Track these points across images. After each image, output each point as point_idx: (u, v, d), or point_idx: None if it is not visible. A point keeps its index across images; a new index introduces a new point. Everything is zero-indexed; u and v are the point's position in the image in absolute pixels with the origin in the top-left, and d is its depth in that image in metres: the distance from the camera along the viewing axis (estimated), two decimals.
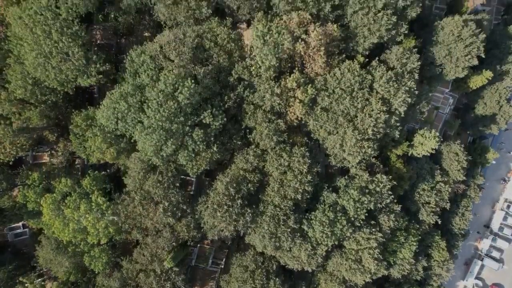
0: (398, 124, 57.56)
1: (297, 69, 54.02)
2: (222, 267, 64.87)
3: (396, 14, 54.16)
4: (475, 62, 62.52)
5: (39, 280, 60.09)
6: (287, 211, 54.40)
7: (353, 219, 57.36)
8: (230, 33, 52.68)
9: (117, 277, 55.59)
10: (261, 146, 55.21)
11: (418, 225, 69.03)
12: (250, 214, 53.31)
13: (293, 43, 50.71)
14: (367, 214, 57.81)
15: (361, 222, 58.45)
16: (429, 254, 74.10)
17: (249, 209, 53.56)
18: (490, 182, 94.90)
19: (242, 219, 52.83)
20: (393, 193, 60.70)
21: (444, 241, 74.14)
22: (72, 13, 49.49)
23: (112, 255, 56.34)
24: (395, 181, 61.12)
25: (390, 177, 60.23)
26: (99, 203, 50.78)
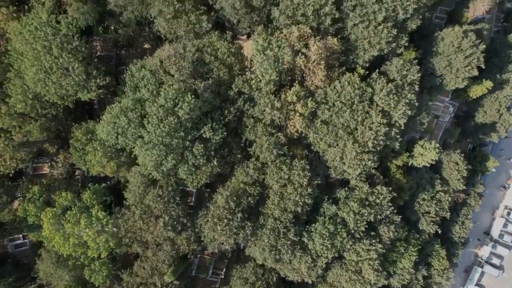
0: (398, 136, 57.40)
1: (297, 82, 53.83)
2: (222, 277, 65.06)
3: (396, 26, 53.97)
4: (475, 73, 62.38)
5: None
6: (287, 224, 54.40)
7: (353, 231, 57.50)
8: (230, 47, 52.53)
9: None
10: (261, 159, 55.15)
11: (418, 235, 69.05)
12: (250, 227, 53.35)
13: (293, 57, 50.55)
14: (367, 225, 57.89)
15: (361, 233, 58.56)
16: (429, 263, 74.07)
17: (249, 222, 53.57)
18: (490, 189, 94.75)
19: (242, 232, 52.88)
20: (393, 204, 60.77)
21: (444, 249, 74.15)
22: (72, 28, 49.49)
23: (112, 268, 56.22)
24: (395, 192, 61.10)
25: (390, 188, 60.30)
26: (100, 217, 50.72)
